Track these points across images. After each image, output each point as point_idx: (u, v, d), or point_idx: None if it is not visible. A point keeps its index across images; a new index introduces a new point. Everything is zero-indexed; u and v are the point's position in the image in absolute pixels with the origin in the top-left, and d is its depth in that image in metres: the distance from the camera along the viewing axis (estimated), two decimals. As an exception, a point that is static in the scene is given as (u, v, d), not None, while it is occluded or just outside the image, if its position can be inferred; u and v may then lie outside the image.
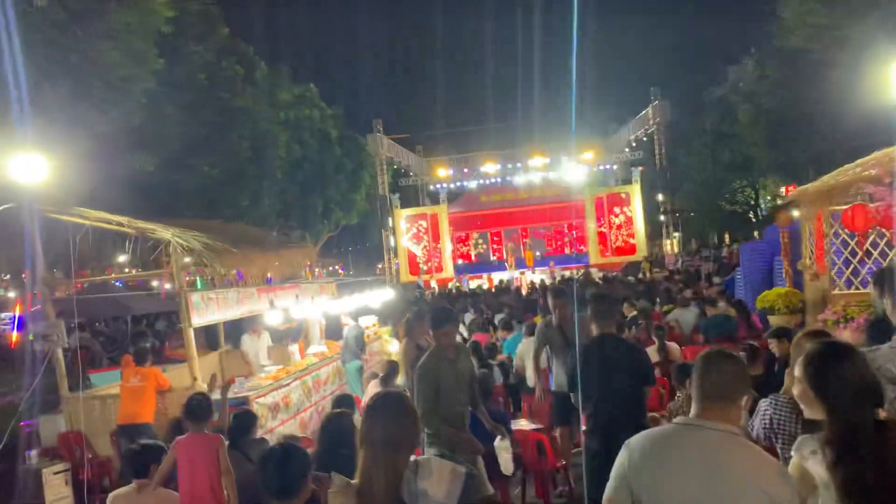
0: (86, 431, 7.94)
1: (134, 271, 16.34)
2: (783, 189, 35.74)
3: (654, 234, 35.10)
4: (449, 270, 32.96)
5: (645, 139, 32.64)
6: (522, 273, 29.62)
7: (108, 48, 11.22)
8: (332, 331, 13.15)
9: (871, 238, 9.23)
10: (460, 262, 35.33)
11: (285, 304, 9.82)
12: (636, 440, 2.33)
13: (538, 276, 28.29)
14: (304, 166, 23.46)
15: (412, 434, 2.48)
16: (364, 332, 10.74)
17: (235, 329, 12.80)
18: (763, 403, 3.42)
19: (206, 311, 8.20)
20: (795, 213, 11.37)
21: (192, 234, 8.00)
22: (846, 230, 9.67)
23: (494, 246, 37.21)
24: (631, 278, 22.97)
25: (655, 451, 2.26)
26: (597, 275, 24.67)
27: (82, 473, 7.56)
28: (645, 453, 2.27)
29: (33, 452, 7.68)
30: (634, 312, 11.58)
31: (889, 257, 9.81)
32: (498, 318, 13.54)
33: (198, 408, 4.87)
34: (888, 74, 18.86)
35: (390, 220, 32.73)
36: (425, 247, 33.37)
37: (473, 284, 28.16)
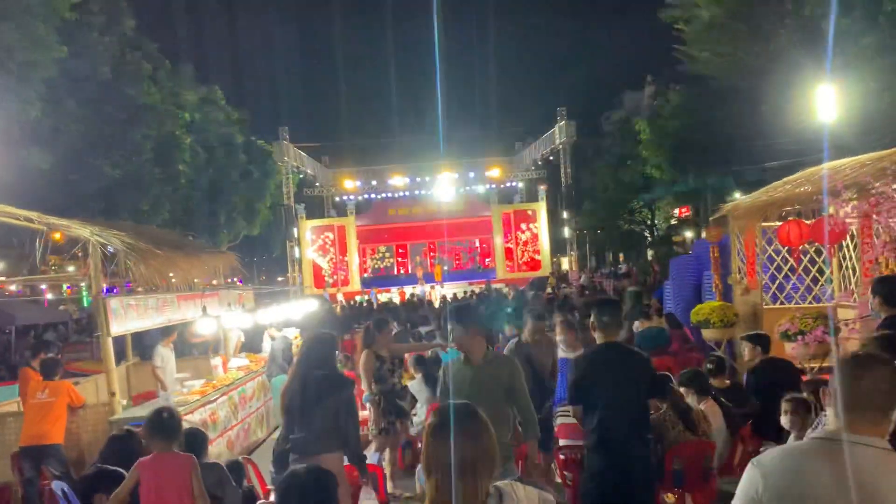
0: (-21, 455, 6.97)
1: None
2: (677, 211, 37.45)
3: (557, 250, 35.82)
4: (356, 283, 32.32)
5: (551, 158, 33.31)
6: (433, 287, 29.41)
7: (6, 28, 10.12)
8: (251, 343, 12.39)
9: (794, 254, 9.53)
10: (366, 275, 34.76)
11: (215, 312, 9.07)
12: (769, 460, 2.01)
13: (447, 290, 28.18)
14: (208, 171, 22.28)
15: (493, 455, 2.07)
16: (292, 345, 10.11)
17: (141, 340, 11.84)
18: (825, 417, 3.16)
19: (126, 318, 7.40)
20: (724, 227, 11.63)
21: (113, 233, 7.21)
22: (779, 245, 9.97)
23: (399, 259, 36.92)
24: (540, 293, 23.14)
25: (798, 473, 1.94)
26: (505, 290, 24.79)
27: (-25, 503, 6.63)
28: (785, 475, 1.95)
29: (-83, 480, 6.66)
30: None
31: (812, 273, 10.20)
32: (425, 330, 13.23)
33: (168, 423, 4.18)
34: (787, 102, 20.00)
35: (295, 230, 31.78)
36: (332, 259, 32.60)
37: (383, 298, 27.68)
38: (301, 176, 34.27)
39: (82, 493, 3.94)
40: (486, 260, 35.97)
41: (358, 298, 27.56)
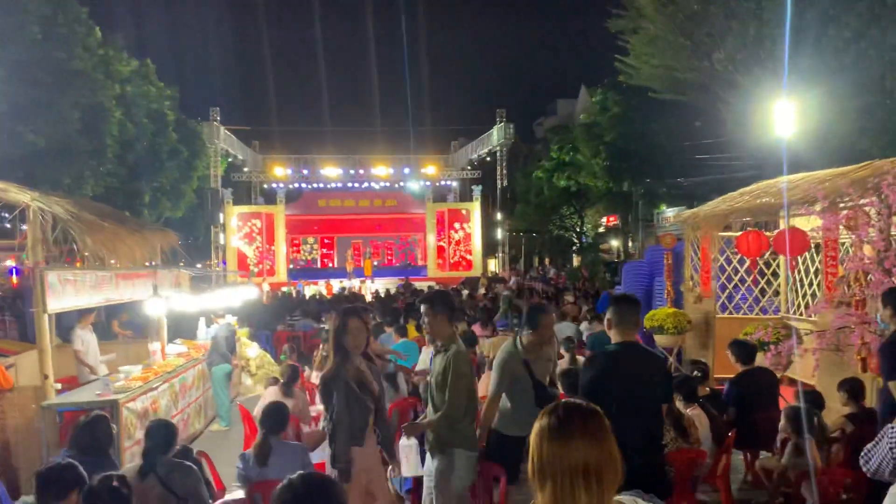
0: None
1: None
2: (605, 219, 38.19)
3: (486, 252, 35.91)
4: (282, 274, 31.46)
5: (488, 159, 33.34)
6: (363, 282, 28.90)
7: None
8: (179, 329, 11.71)
9: (750, 265, 9.67)
10: (292, 266, 33.90)
11: (163, 294, 8.44)
12: None
13: (378, 285, 27.74)
14: (135, 148, 21.06)
15: (617, 462, 1.80)
16: (235, 333, 9.57)
17: (60, 321, 11.00)
18: (892, 430, 2.98)
19: (63, 294, 6.74)
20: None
21: (55, 200, 6.57)
22: (731, 255, 10.11)
23: (324, 251, 36.22)
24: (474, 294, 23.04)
25: None
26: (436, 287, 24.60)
27: None
28: None
29: None
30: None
31: (760, 284, 10.40)
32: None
33: (121, 490, 3.61)
34: (724, 115, 20.56)
35: (221, 216, 30.65)
36: (258, 248, 31.63)
37: (309, 291, 27.02)
38: (230, 160, 33.13)
39: (44, 486, 3.43)
40: (417, 258, 35.74)
41: (284, 289, 26.80)
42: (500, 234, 33.43)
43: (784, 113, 12.43)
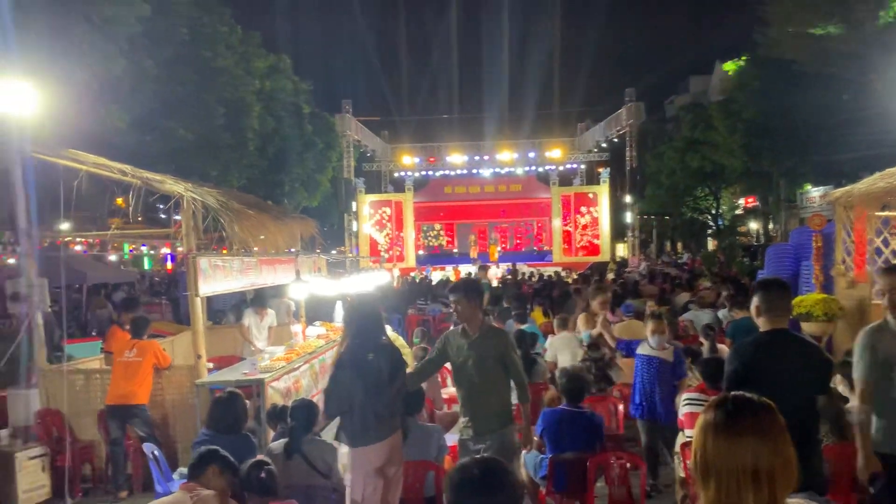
0: (66, 410, 6.86)
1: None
2: (743, 200, 36.28)
3: (616, 236, 35.05)
4: (411, 260, 32.14)
5: (616, 140, 32.44)
6: (487, 267, 28.99)
7: (92, -20, 10.00)
8: (316, 313, 12.21)
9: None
10: (421, 252, 34.54)
11: (304, 278, 8.84)
12: None
13: (501, 271, 27.73)
14: (274, 140, 22.18)
15: (792, 463, 1.66)
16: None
17: (211, 304, 11.72)
18: None
19: (213, 279, 7.19)
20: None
21: (206, 190, 7.00)
22: (888, 236, 9.30)
23: (448, 238, 36.60)
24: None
25: None
26: (563, 273, 24.30)
27: (62, 459, 6.52)
28: None
29: (3, 433, 6.58)
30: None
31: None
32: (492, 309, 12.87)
33: (268, 481, 3.82)
34: (876, 85, 18.91)
35: (354, 204, 31.69)
36: (388, 234, 32.47)
37: (437, 276, 27.42)
38: (361, 150, 34.16)
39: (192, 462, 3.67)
40: (542, 244, 35.44)
41: (412, 275, 27.38)
42: (629, 217, 32.46)
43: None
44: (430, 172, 35.00)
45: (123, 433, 6.60)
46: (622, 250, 37.96)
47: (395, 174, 35.66)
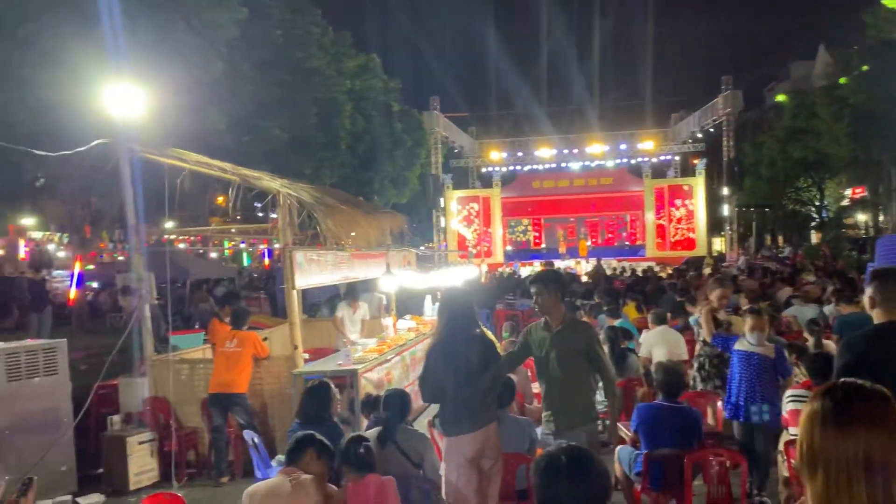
0: (172, 398, 7.21)
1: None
2: (849, 191, 34.31)
3: (713, 230, 33.87)
4: (499, 255, 32.11)
5: (712, 130, 31.33)
6: (577, 262, 28.63)
7: (193, -14, 10.46)
8: (406, 306, 12.37)
9: None
10: (509, 248, 34.42)
11: (395, 271, 8.97)
12: None
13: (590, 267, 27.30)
14: (365, 139, 22.60)
15: None
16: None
17: (305, 298, 12.02)
18: None
19: (308, 272, 7.39)
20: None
21: (301, 187, 7.20)
22: None
23: (535, 233, 36.26)
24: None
25: None
26: (657, 268, 23.68)
27: (168, 445, 6.86)
28: None
29: (115, 418, 6.97)
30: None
31: None
32: (588, 304, 12.68)
33: (366, 457, 3.93)
34: None
35: (442, 200, 31.94)
36: (476, 230, 32.57)
37: (525, 271, 27.27)
38: (449, 146, 34.38)
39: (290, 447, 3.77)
40: (635, 238, 34.67)
41: (500, 270, 27.34)
42: (726, 210, 31.33)
43: None
44: (518, 167, 34.79)
45: (225, 421, 6.87)
46: (719, 244, 36.66)
47: (483, 170, 35.68)
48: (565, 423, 4.40)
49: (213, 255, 32.71)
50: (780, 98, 36.45)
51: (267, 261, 33.38)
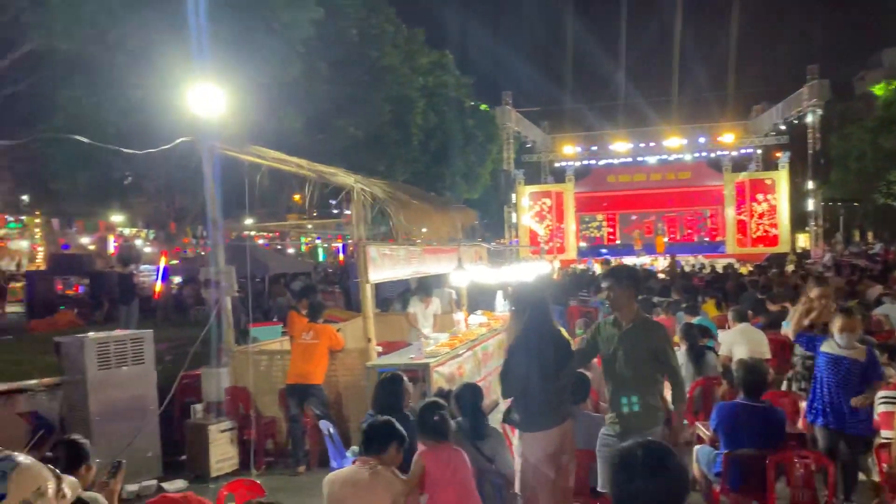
0: (251, 388, 7.42)
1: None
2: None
3: (797, 225, 32.55)
4: (572, 252, 31.74)
5: (797, 122, 30.08)
6: (654, 259, 28.02)
7: (274, -13, 10.72)
8: (477, 302, 12.36)
9: None
10: (582, 244, 33.94)
11: (467, 266, 9.01)
12: None
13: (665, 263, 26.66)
14: (437, 135, 22.67)
15: None
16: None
17: (378, 292, 12.16)
18: None
19: (381, 266, 7.48)
20: None
21: (374, 182, 7.29)
22: None
23: (609, 229, 35.60)
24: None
25: None
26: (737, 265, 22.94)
27: (248, 433, 7.07)
28: None
29: (198, 406, 7.23)
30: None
31: None
32: (665, 301, 12.40)
33: (442, 424, 3.98)
34: None
35: (513, 196, 31.78)
36: (548, 226, 32.28)
37: (597, 268, 26.86)
38: (521, 141, 34.16)
39: (368, 439, 3.82)
40: (711, 234, 33.67)
41: (573, 267, 27.00)
42: (811, 205, 30.03)
43: None
44: (592, 161, 34.27)
45: (301, 411, 7.02)
46: (803, 240, 35.20)
47: (556, 164, 35.29)
48: (634, 425, 4.24)
49: (291, 250, 33.54)
50: (877, 89, 34.57)
51: (341, 256, 33.99)
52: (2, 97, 12.76)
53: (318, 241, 34.52)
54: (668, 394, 4.66)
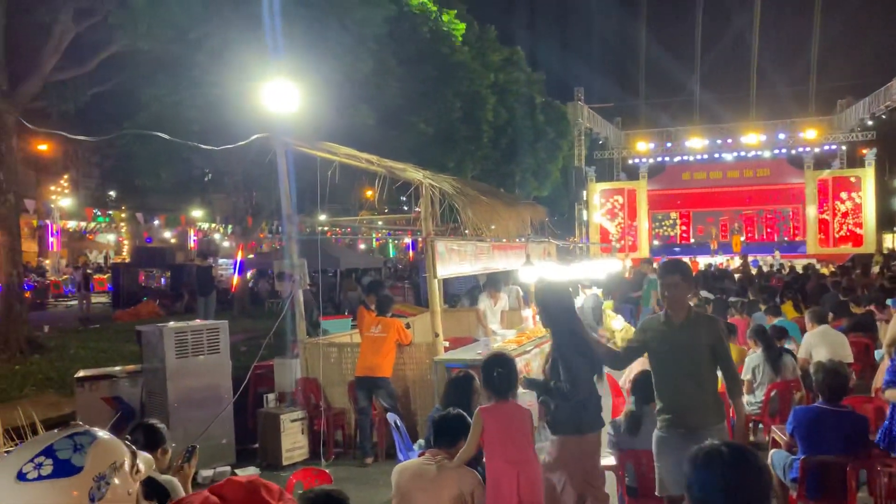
0: (321, 379, 7.58)
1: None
2: None
3: (884, 225, 31.08)
4: (644, 250, 31.12)
5: (885, 117, 28.68)
6: (730, 259, 27.22)
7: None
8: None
9: None
10: (656, 242, 33.26)
11: (535, 262, 8.97)
12: None
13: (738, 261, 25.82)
14: (507, 132, 22.57)
15: None
16: (601, 304, 9.72)
17: (446, 288, 12.20)
18: None
19: (449, 262, 7.50)
20: None
21: (443, 178, 7.32)
22: None
23: (683, 227, 34.74)
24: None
25: None
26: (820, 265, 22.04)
27: (318, 424, 7.21)
28: None
29: (270, 396, 7.42)
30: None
31: None
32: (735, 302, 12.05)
33: (502, 380, 4.07)
34: None
35: (584, 193, 31.41)
36: (620, 223, 31.79)
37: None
38: (593, 138, 33.69)
39: (438, 433, 3.87)
40: (790, 232, 32.49)
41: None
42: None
43: None
44: (667, 158, 33.53)
45: (370, 403, 7.13)
46: (891, 241, 33.58)
47: (629, 161, 34.69)
48: (693, 423, 4.06)
49: (362, 246, 34.09)
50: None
51: (411, 252, 34.33)
52: (89, 96, 13.38)
53: (388, 237, 34.95)
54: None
